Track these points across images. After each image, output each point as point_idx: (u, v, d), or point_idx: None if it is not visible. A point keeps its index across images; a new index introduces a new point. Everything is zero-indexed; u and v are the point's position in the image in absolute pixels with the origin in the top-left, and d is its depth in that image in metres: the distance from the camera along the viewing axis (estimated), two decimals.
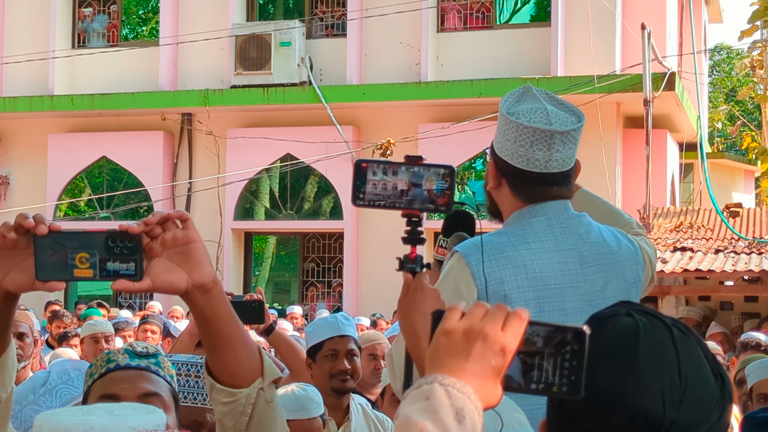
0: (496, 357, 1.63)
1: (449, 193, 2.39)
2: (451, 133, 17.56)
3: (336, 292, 19.60)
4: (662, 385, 1.76)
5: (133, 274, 2.14)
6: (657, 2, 19.70)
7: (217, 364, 2.34)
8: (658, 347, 1.79)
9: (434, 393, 1.57)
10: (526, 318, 1.65)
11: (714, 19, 29.96)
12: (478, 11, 19.36)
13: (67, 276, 2.14)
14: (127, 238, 2.13)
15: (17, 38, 20.92)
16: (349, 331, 5.16)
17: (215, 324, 2.27)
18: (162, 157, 19.99)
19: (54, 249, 2.13)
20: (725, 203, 18.35)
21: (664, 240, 15.52)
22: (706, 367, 1.81)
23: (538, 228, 3.43)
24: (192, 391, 3.99)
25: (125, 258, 2.13)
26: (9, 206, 20.53)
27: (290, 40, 18.85)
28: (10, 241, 2.16)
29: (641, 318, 1.83)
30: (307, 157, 18.87)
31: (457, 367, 1.62)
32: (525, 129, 3.35)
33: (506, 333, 1.63)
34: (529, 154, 3.37)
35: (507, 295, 3.30)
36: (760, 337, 8.13)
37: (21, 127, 20.94)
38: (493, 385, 1.63)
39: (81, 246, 2.14)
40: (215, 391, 2.35)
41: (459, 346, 1.64)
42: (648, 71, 16.58)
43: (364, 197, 2.38)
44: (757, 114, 37.44)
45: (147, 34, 21.73)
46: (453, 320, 1.68)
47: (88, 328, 9.02)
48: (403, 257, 2.55)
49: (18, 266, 2.17)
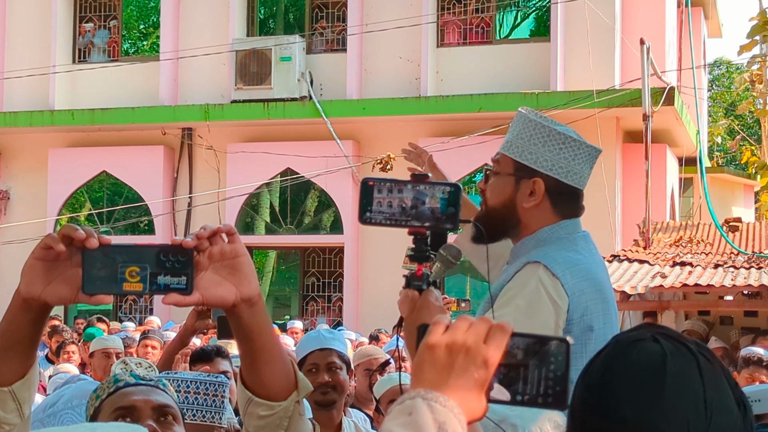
0: (479, 370, 1.63)
1: (455, 212, 2.40)
2: (451, 147, 17.56)
3: (336, 306, 19.60)
4: (688, 416, 1.76)
5: (183, 288, 2.15)
6: (656, 17, 19.76)
7: (257, 377, 2.34)
8: (685, 377, 1.78)
9: (417, 408, 1.57)
10: (509, 330, 1.65)
11: (713, 34, 30.02)
12: (477, 26, 19.40)
13: (115, 290, 2.12)
14: (179, 252, 2.14)
15: (18, 53, 20.96)
16: (331, 344, 5.12)
17: (258, 337, 2.28)
18: (162, 172, 20.00)
19: (103, 262, 2.11)
20: (725, 218, 18.36)
21: (663, 254, 15.52)
22: (730, 396, 1.81)
23: (583, 243, 3.52)
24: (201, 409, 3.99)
25: (176, 272, 2.14)
26: (9, 221, 20.55)
27: (290, 55, 18.89)
28: (54, 253, 2.13)
29: (667, 344, 1.83)
30: (308, 172, 18.89)
31: (440, 381, 1.62)
32: (584, 147, 3.47)
33: (489, 345, 1.64)
34: (582, 172, 3.49)
35: (587, 307, 3.35)
36: (760, 352, 8.13)
37: (21, 142, 20.95)
38: (477, 398, 1.63)
39: (132, 259, 2.12)
40: (253, 405, 2.35)
41: (442, 360, 1.64)
42: (647, 86, 16.61)
43: (371, 215, 2.39)
44: (756, 128, 37.44)
45: (147, 49, 21.76)
46: (437, 334, 1.68)
47: (99, 343, 9.04)
48: (410, 275, 2.57)
49: (59, 278, 2.15)
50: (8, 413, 2.21)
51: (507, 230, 3.56)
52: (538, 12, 19.84)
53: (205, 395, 3.96)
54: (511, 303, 3.31)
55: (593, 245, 3.56)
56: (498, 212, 3.54)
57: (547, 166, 3.45)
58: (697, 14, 25.32)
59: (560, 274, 3.34)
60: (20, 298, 2.18)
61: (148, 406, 2.83)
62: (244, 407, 2.38)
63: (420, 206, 2.37)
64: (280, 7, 21.04)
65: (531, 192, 3.48)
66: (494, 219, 3.55)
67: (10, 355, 2.21)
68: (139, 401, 2.83)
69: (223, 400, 4.13)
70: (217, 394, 4.10)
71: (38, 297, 2.16)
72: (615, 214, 17.75)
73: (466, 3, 19.35)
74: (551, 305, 3.30)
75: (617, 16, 18.59)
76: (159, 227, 19.95)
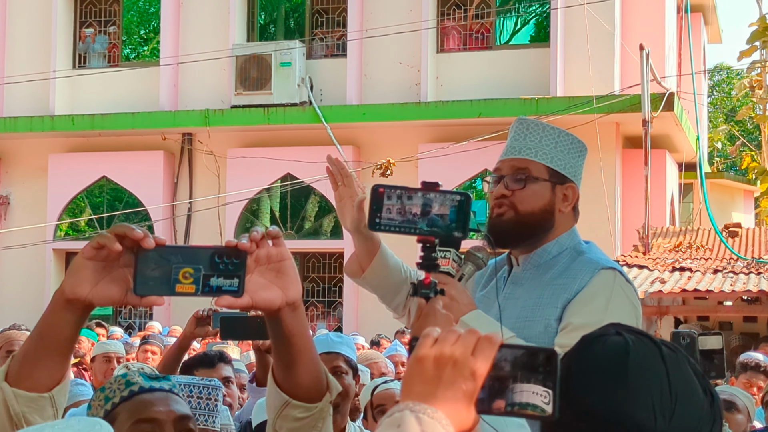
0: (466, 381, 1.64)
1: (465, 220, 2.41)
2: (451, 153, 17.59)
3: (336, 311, 19.60)
4: (653, 398, 1.79)
5: (235, 290, 2.15)
6: (656, 23, 19.77)
7: (294, 379, 2.36)
8: (647, 362, 1.83)
9: (405, 420, 1.59)
10: (497, 342, 1.67)
11: (713, 40, 30.02)
12: (477, 32, 19.42)
13: (168, 291, 2.11)
14: (234, 255, 2.14)
15: (18, 58, 20.97)
16: (339, 349, 5.12)
17: (298, 340, 2.31)
18: (162, 177, 20.01)
19: (157, 263, 2.10)
20: (724, 223, 18.36)
21: (662, 260, 15.53)
22: (695, 382, 1.85)
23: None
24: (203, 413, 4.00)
25: (229, 274, 2.14)
26: (9, 226, 20.55)
27: (290, 61, 18.90)
28: (106, 252, 2.10)
29: (630, 336, 1.88)
30: (308, 177, 18.88)
31: (428, 393, 1.64)
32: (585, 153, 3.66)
33: (476, 357, 1.65)
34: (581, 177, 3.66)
35: (638, 309, 3.49)
36: (759, 358, 8.14)
37: (21, 147, 20.96)
38: (466, 410, 1.64)
39: (186, 261, 2.12)
40: (290, 407, 2.37)
41: (430, 372, 1.66)
42: (647, 92, 16.62)
43: (380, 222, 2.40)
44: (756, 134, 37.45)
45: (148, 54, 21.78)
46: (425, 347, 1.70)
47: (101, 348, 9.03)
48: (417, 282, 2.58)
49: (106, 278, 2.12)
50: (46, 420, 2.15)
51: (536, 235, 3.60)
52: (538, 18, 19.86)
53: (199, 399, 3.97)
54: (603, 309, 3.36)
55: None
56: (535, 217, 3.57)
57: (572, 172, 3.59)
58: (696, 20, 25.33)
59: (630, 280, 3.50)
60: (63, 298, 2.13)
61: (170, 417, 2.80)
62: (279, 410, 2.39)
63: (429, 214, 2.39)
64: (281, 12, 21.06)
65: (564, 197, 3.58)
66: (528, 224, 3.58)
67: (49, 359, 2.17)
68: (162, 413, 2.80)
69: (216, 404, 4.13)
70: (210, 397, 4.10)
71: (84, 298, 2.12)
72: (615, 219, 17.75)
73: (466, 9, 19.36)
74: (633, 310, 3.43)
75: (617, 21, 18.61)
76: (159, 232, 19.93)
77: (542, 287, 3.51)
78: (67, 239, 20.92)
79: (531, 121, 3.62)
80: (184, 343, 5.72)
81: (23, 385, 2.14)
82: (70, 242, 20.92)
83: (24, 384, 2.14)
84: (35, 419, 2.13)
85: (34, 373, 2.15)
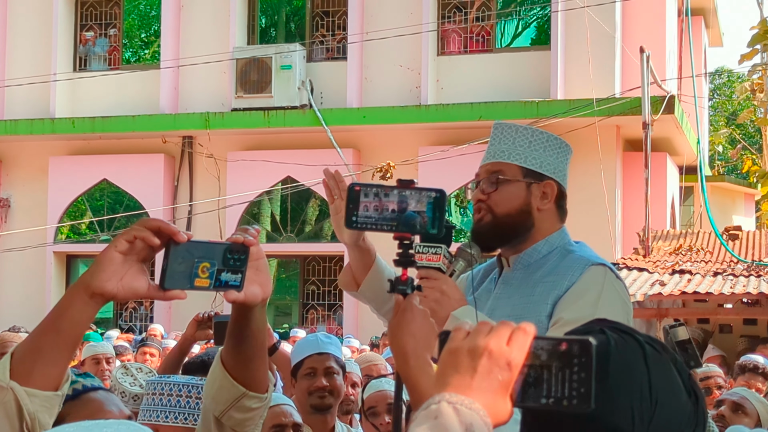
0: (502, 372, 1.61)
1: (440, 217, 2.41)
2: (451, 156, 17.59)
3: (336, 314, 19.60)
4: (632, 403, 1.78)
5: (238, 285, 2.21)
6: (656, 26, 19.78)
7: (252, 372, 2.42)
8: (629, 366, 1.81)
9: (443, 411, 1.56)
10: (532, 332, 1.64)
11: (714, 43, 30.03)
12: (478, 35, 19.42)
13: (188, 285, 2.13)
14: (241, 251, 2.20)
15: (19, 61, 20.98)
16: (328, 349, 5.14)
17: (260, 335, 2.37)
18: (163, 180, 20.01)
19: (184, 258, 2.13)
20: (725, 226, 18.35)
21: (663, 262, 15.52)
22: (678, 384, 1.83)
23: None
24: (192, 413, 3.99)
25: (236, 269, 2.20)
26: (9, 229, 20.55)
27: (291, 64, 18.91)
28: (141, 247, 2.11)
29: (613, 335, 1.85)
30: (308, 180, 18.89)
31: (463, 385, 1.61)
32: (569, 152, 3.63)
33: (511, 347, 1.63)
34: (566, 174, 3.64)
35: (629, 306, 3.48)
36: (758, 360, 8.12)
37: (22, 150, 20.97)
38: (503, 401, 1.62)
39: (205, 256, 2.17)
40: (247, 398, 2.42)
41: (464, 363, 1.63)
42: (647, 94, 16.61)
43: (357, 220, 2.41)
44: (757, 137, 37.44)
45: (148, 57, 21.79)
46: (458, 339, 1.67)
47: (89, 350, 9.02)
48: (395, 279, 2.58)
49: (129, 272, 2.11)
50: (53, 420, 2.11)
51: (517, 236, 3.59)
52: (539, 21, 19.86)
53: (197, 399, 3.97)
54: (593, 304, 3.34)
55: None
56: (512, 218, 3.57)
57: (550, 170, 3.56)
58: (697, 23, 25.34)
59: (620, 277, 3.48)
60: (88, 292, 2.10)
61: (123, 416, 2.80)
62: (233, 402, 2.42)
63: (406, 211, 2.39)
64: (281, 15, 21.07)
65: (543, 195, 3.55)
66: (506, 226, 3.58)
67: (64, 356, 2.13)
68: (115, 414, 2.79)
69: None
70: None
71: (111, 292, 2.10)
72: (615, 222, 17.75)
73: (466, 11, 19.37)
74: (624, 306, 3.42)
75: (617, 24, 18.62)
76: None
77: (532, 286, 3.50)
78: (67, 242, 20.93)
79: (506, 125, 3.63)
80: (185, 346, 5.73)
81: (35, 383, 2.08)
82: (70, 245, 20.93)
83: (36, 382, 2.08)
84: (45, 420, 2.09)
85: (48, 370, 2.10)
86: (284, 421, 4.33)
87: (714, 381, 7.62)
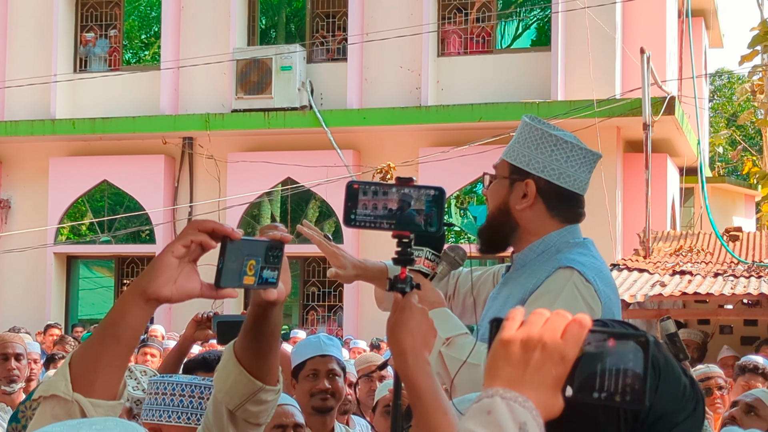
0: (556, 366, 1.58)
1: (438, 214, 2.40)
2: (452, 157, 17.59)
3: (337, 315, 19.60)
4: None
5: (275, 282, 2.20)
6: (657, 27, 19.78)
7: (267, 366, 2.42)
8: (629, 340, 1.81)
9: (496, 407, 1.53)
10: (588, 325, 1.60)
11: (714, 44, 30.02)
12: (478, 36, 19.42)
13: (237, 283, 2.11)
14: (279, 247, 2.20)
15: (19, 62, 20.98)
16: (331, 351, 5.15)
17: (277, 331, 2.38)
18: (163, 181, 20.01)
19: (236, 256, 2.10)
20: (725, 227, 18.34)
21: (663, 263, 15.51)
22: (674, 363, 1.83)
23: (595, 250, 3.51)
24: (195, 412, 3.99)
25: (273, 266, 2.19)
26: (10, 230, 20.55)
27: (291, 65, 18.91)
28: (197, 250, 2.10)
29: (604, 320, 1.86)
30: (308, 181, 18.89)
31: (515, 378, 1.57)
32: (579, 150, 3.43)
33: (566, 341, 1.59)
34: (576, 175, 3.43)
35: (614, 314, 3.35)
36: (758, 360, 8.10)
37: (22, 151, 20.97)
38: (553, 396, 1.58)
39: (251, 253, 2.14)
40: (263, 392, 2.42)
41: (517, 355, 1.59)
42: (647, 95, 16.60)
43: (356, 218, 2.40)
44: (758, 139, 37.43)
45: (149, 58, 21.79)
46: (511, 329, 1.62)
47: None
48: (393, 278, 2.58)
49: (182, 275, 2.09)
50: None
51: (507, 236, 3.53)
52: (539, 22, 19.87)
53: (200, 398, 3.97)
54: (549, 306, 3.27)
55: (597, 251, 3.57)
56: (496, 217, 3.53)
57: (538, 167, 3.42)
58: (698, 24, 25.33)
59: (592, 279, 3.33)
60: (144, 298, 2.07)
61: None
62: (248, 396, 2.42)
63: (405, 209, 2.37)
64: (281, 16, 21.07)
65: (524, 194, 3.45)
66: (494, 224, 3.55)
67: (123, 363, 2.10)
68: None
69: None
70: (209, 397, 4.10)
71: (167, 297, 2.08)
72: (615, 223, 17.75)
73: (467, 12, 19.37)
74: (587, 311, 3.24)
75: (618, 25, 18.62)
76: (159, 236, 19.96)
77: (516, 286, 3.46)
78: (67, 243, 20.93)
79: (522, 120, 3.53)
80: (184, 346, 5.72)
81: (98, 393, 2.04)
82: (70, 246, 20.94)
83: (99, 392, 2.04)
84: None
85: (109, 379, 2.06)
86: (286, 421, 4.33)
87: (714, 381, 7.58)
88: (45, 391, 2.06)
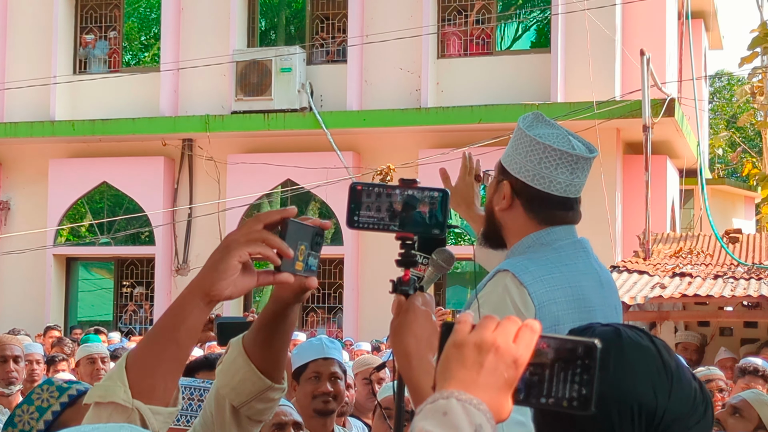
0: (508, 369, 1.59)
1: (443, 216, 2.39)
2: (452, 158, 17.55)
3: (336, 317, 19.59)
4: (651, 375, 1.81)
5: (314, 270, 2.16)
6: (657, 29, 19.78)
7: (278, 364, 2.40)
8: (641, 343, 1.84)
9: (452, 409, 1.54)
10: (538, 330, 1.61)
11: (714, 46, 30.03)
12: (478, 37, 19.43)
13: (291, 268, 2.08)
14: (323, 234, 2.18)
15: (19, 64, 20.98)
16: (333, 354, 5.15)
17: (292, 328, 2.37)
18: (163, 183, 20.01)
19: (293, 240, 2.08)
20: (725, 229, 18.34)
21: (663, 265, 15.50)
22: (683, 366, 1.87)
23: (569, 251, 3.43)
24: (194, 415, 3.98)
25: (315, 254, 2.17)
26: (9, 231, 20.55)
27: (291, 66, 18.91)
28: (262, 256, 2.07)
29: (616, 325, 1.90)
30: (308, 183, 18.89)
31: (469, 380, 1.58)
32: (552, 151, 3.36)
33: (518, 345, 1.60)
34: (552, 177, 3.37)
35: (558, 317, 3.28)
36: (757, 363, 8.10)
37: (22, 153, 20.96)
38: (505, 399, 1.59)
39: (303, 238, 2.11)
40: (271, 390, 2.39)
41: (471, 358, 1.60)
42: (647, 97, 16.60)
43: (359, 220, 2.39)
44: (757, 140, 37.43)
45: (148, 60, 21.79)
46: (463, 332, 1.63)
47: (84, 350, 9.00)
48: (397, 280, 2.56)
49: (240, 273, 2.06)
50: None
51: (495, 236, 3.54)
52: (539, 24, 19.87)
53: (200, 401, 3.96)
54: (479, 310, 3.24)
55: (589, 253, 3.49)
56: (485, 216, 3.58)
57: (515, 168, 3.41)
58: (697, 26, 25.33)
59: (528, 282, 3.28)
60: (205, 300, 2.04)
61: None
62: (256, 394, 2.39)
63: (409, 211, 2.36)
64: (281, 18, 21.07)
65: (504, 195, 3.45)
66: (485, 223, 3.58)
67: (181, 367, 2.07)
68: None
69: None
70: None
71: (228, 296, 2.06)
72: (615, 225, 17.75)
73: (467, 14, 19.38)
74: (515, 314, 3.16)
75: (618, 27, 18.62)
76: (159, 238, 19.96)
77: None
78: (67, 245, 20.92)
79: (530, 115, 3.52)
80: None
81: (157, 399, 2.01)
82: (70, 248, 20.93)
83: (158, 399, 2.01)
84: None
85: (168, 384, 2.03)
86: (284, 419, 4.33)
87: (715, 384, 7.59)
88: (102, 397, 1.99)
